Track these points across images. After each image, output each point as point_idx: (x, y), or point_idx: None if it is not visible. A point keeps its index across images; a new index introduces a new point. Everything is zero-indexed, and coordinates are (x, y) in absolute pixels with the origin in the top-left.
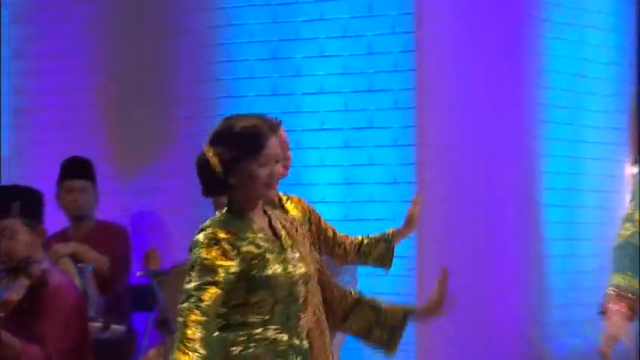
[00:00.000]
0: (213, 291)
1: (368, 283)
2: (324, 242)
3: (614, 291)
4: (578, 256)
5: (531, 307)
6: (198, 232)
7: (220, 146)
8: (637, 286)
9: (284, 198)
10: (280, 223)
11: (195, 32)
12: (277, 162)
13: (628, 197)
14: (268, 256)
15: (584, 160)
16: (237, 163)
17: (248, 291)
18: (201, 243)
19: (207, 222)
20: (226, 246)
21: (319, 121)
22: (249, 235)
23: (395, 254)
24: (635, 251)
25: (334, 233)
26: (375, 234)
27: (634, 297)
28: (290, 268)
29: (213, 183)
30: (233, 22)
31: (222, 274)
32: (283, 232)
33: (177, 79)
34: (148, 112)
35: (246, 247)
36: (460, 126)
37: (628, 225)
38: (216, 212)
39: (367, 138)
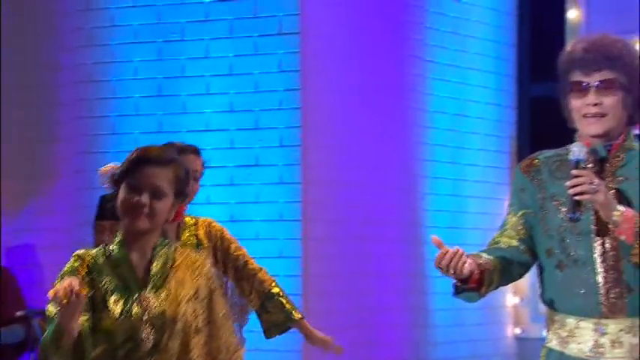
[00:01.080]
0: None
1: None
2: (232, 270)
3: None
4: None
5: (415, 327)
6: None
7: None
8: None
9: (189, 221)
10: (163, 260)
11: (78, 68)
12: (141, 193)
13: None
14: (109, 297)
15: (465, 198)
16: (118, 184)
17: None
18: (63, 271)
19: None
20: (83, 276)
21: (205, 158)
22: (107, 272)
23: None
24: None
25: (245, 265)
26: (286, 301)
27: None
28: (135, 309)
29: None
30: (117, 59)
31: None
32: (156, 271)
33: (59, 115)
34: (28, 149)
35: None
36: (344, 164)
37: None
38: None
39: (253, 175)
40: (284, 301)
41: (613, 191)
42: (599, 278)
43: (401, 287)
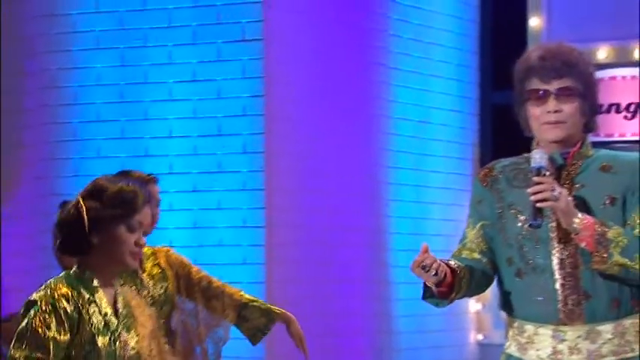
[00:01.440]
0: None
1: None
2: (199, 293)
3: None
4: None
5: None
6: (37, 291)
7: (92, 202)
8: None
9: (147, 251)
10: (124, 300)
11: (43, 74)
12: (143, 232)
13: None
14: (98, 337)
15: (428, 204)
16: (106, 223)
17: None
18: (37, 306)
19: (50, 280)
20: (63, 313)
21: (168, 164)
22: (91, 305)
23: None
24: None
25: (210, 284)
26: (260, 303)
27: None
28: (117, 349)
29: (74, 240)
30: (79, 65)
31: (52, 350)
32: (124, 311)
33: (20, 121)
34: None
35: (85, 316)
36: (308, 170)
37: None
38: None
39: (216, 182)
40: (259, 304)
41: (570, 198)
42: (557, 285)
43: (364, 293)
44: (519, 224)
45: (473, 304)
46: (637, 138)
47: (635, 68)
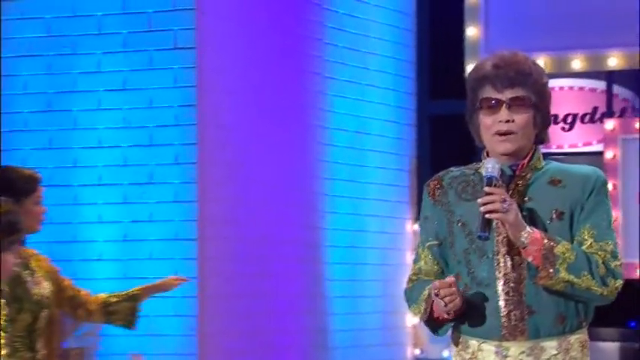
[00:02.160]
0: None
1: (148, 342)
2: (67, 301)
3: None
4: (360, 313)
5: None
6: None
7: None
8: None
9: (31, 254)
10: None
11: None
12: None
13: (409, 254)
14: None
15: (365, 216)
16: None
17: None
18: None
19: None
20: None
21: (97, 176)
22: None
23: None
24: None
25: (77, 293)
26: (118, 292)
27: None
28: None
29: None
30: (6, 73)
31: None
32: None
33: None
34: None
35: None
36: (242, 182)
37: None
38: None
39: (147, 193)
40: (117, 295)
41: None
42: (501, 300)
43: (300, 308)
44: (466, 239)
45: (409, 319)
46: (575, 149)
47: (573, 79)
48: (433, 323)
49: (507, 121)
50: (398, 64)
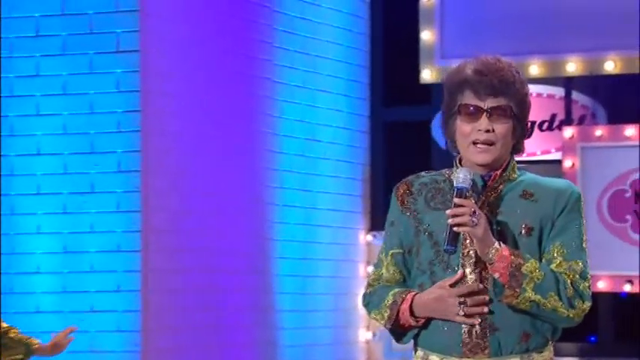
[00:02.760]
0: None
1: (90, 359)
2: None
3: None
4: (311, 327)
5: None
6: None
7: None
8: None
9: None
10: None
11: None
12: None
13: (363, 266)
14: None
15: (316, 227)
16: None
17: None
18: None
19: None
20: None
21: (35, 184)
22: None
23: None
24: None
25: None
26: (22, 335)
27: None
28: None
29: None
30: None
31: None
32: None
33: None
34: None
35: None
36: (188, 191)
37: None
38: None
39: (88, 203)
40: (21, 337)
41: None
42: None
43: (249, 322)
44: (432, 249)
45: (363, 333)
46: (533, 158)
47: (531, 85)
48: (398, 331)
49: (487, 131)
50: (351, 68)
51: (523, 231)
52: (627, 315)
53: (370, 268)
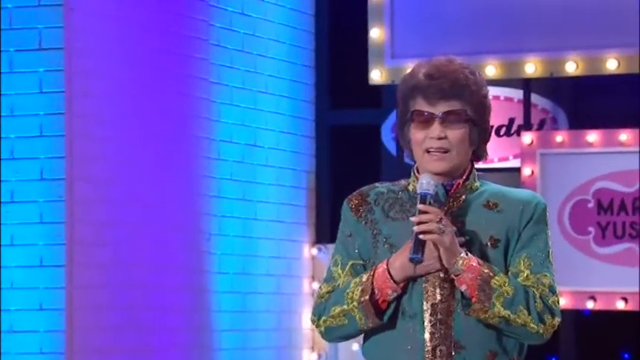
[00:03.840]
0: None
1: None
2: None
3: None
4: (251, 348)
5: None
6: None
7: None
8: None
9: None
10: None
11: None
12: None
13: (307, 282)
14: None
15: (257, 239)
16: None
17: None
18: None
19: None
20: None
21: None
22: None
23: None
24: None
25: None
26: None
27: None
28: None
29: None
30: None
31: None
32: None
33: None
34: None
35: None
36: (117, 200)
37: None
38: None
39: (8, 213)
40: None
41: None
42: (427, 333)
43: (184, 343)
44: None
45: (307, 354)
46: (489, 165)
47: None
48: (375, 308)
49: (440, 138)
50: (295, 68)
51: (489, 243)
52: (590, 334)
53: (316, 285)
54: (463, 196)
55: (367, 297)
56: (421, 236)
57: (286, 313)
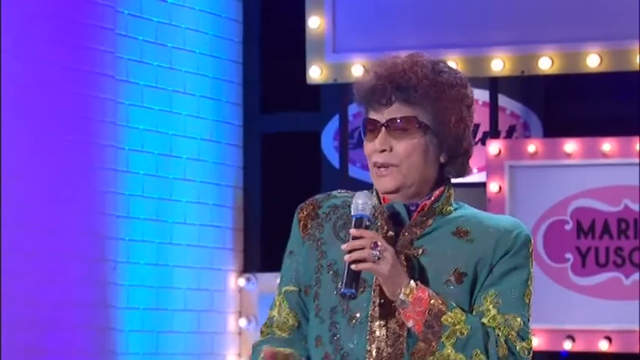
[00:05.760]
0: None
1: None
2: None
3: None
4: None
5: None
6: None
7: None
8: None
9: None
10: None
11: None
12: None
13: (234, 319)
14: None
15: (172, 268)
16: None
17: None
18: None
19: None
20: None
21: None
22: None
23: None
24: None
25: None
26: None
27: None
28: None
29: None
30: None
31: None
32: None
33: None
34: None
35: None
36: (5, 226)
37: None
38: None
39: None
40: None
41: (405, 264)
42: None
43: None
44: (336, 293)
45: None
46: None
47: None
48: None
49: (383, 151)
50: (219, 64)
51: (452, 277)
52: None
53: (244, 322)
54: (430, 220)
55: None
56: (353, 266)
57: (206, 356)
